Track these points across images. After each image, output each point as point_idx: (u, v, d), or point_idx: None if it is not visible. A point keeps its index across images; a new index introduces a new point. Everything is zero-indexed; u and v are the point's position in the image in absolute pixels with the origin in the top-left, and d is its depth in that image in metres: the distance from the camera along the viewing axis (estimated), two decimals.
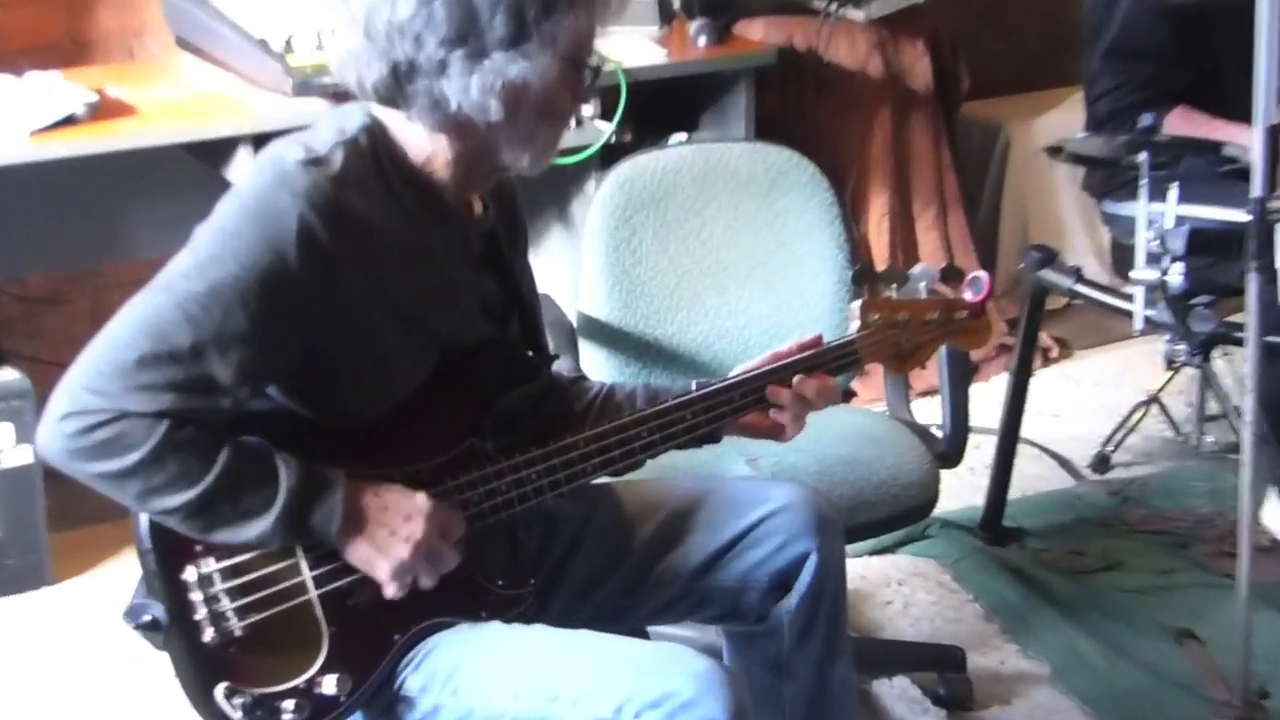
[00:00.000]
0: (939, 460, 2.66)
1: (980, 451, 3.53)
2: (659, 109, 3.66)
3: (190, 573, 1.80)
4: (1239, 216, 2.69)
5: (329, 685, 1.82)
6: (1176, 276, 2.81)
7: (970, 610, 3.13)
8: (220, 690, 1.80)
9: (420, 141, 1.87)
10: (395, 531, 1.82)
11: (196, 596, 1.80)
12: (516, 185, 2.09)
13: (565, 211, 3.84)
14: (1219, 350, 3.49)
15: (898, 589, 3.19)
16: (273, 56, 3.24)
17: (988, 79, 4.51)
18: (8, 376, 3.23)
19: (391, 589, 1.83)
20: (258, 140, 3.09)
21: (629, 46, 3.58)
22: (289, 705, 1.81)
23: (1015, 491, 3.42)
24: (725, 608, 2.13)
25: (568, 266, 3.42)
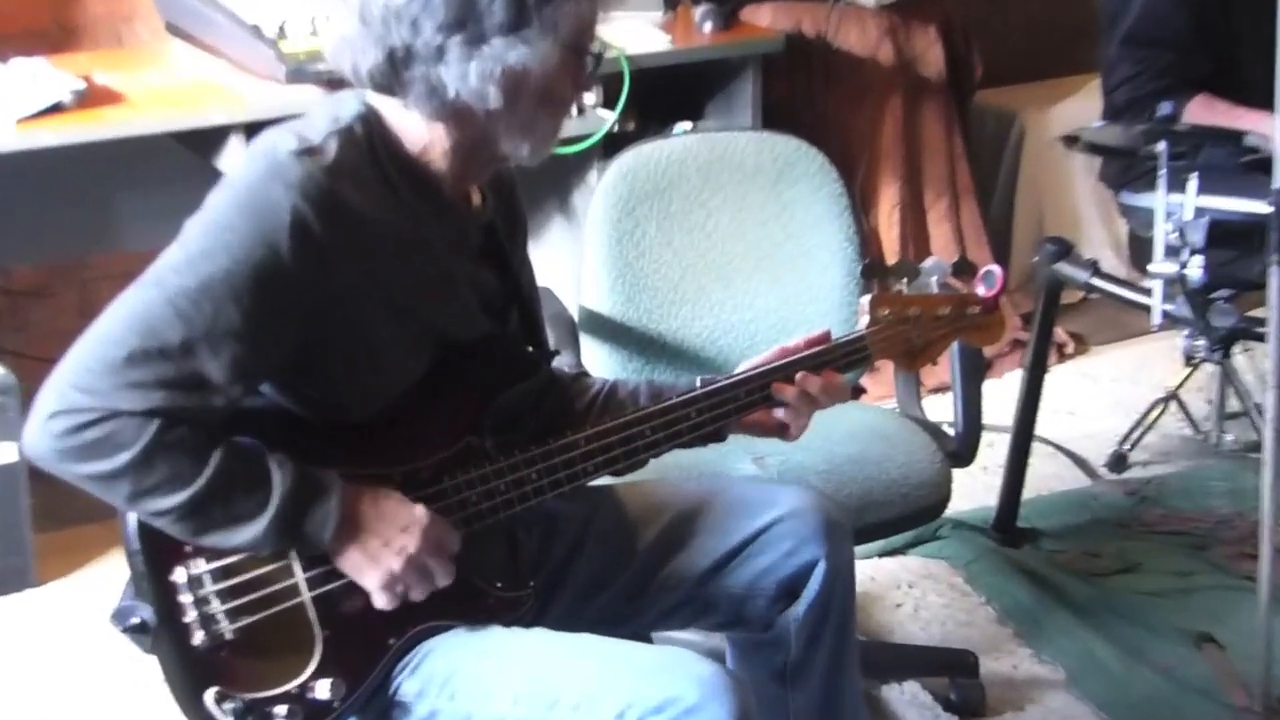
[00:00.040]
0: (951, 459, 2.66)
1: (993, 450, 3.53)
2: (663, 97, 3.66)
3: (180, 574, 1.80)
4: (1260, 208, 2.69)
5: (322, 690, 1.82)
6: (1196, 270, 2.81)
7: (983, 613, 3.13)
8: (210, 695, 1.80)
9: (417, 130, 1.87)
10: (389, 542, 1.82)
11: (186, 598, 1.80)
12: (516, 176, 2.08)
13: (566, 203, 3.84)
14: (1239, 346, 3.48)
15: (908, 591, 3.19)
16: (265, 43, 3.24)
17: (1002, 66, 4.51)
18: None
19: (381, 599, 1.83)
20: (250, 129, 3.09)
21: (632, 32, 3.58)
22: (281, 711, 1.81)
23: (1029, 491, 3.42)
24: (731, 615, 2.13)
25: (569, 259, 3.43)
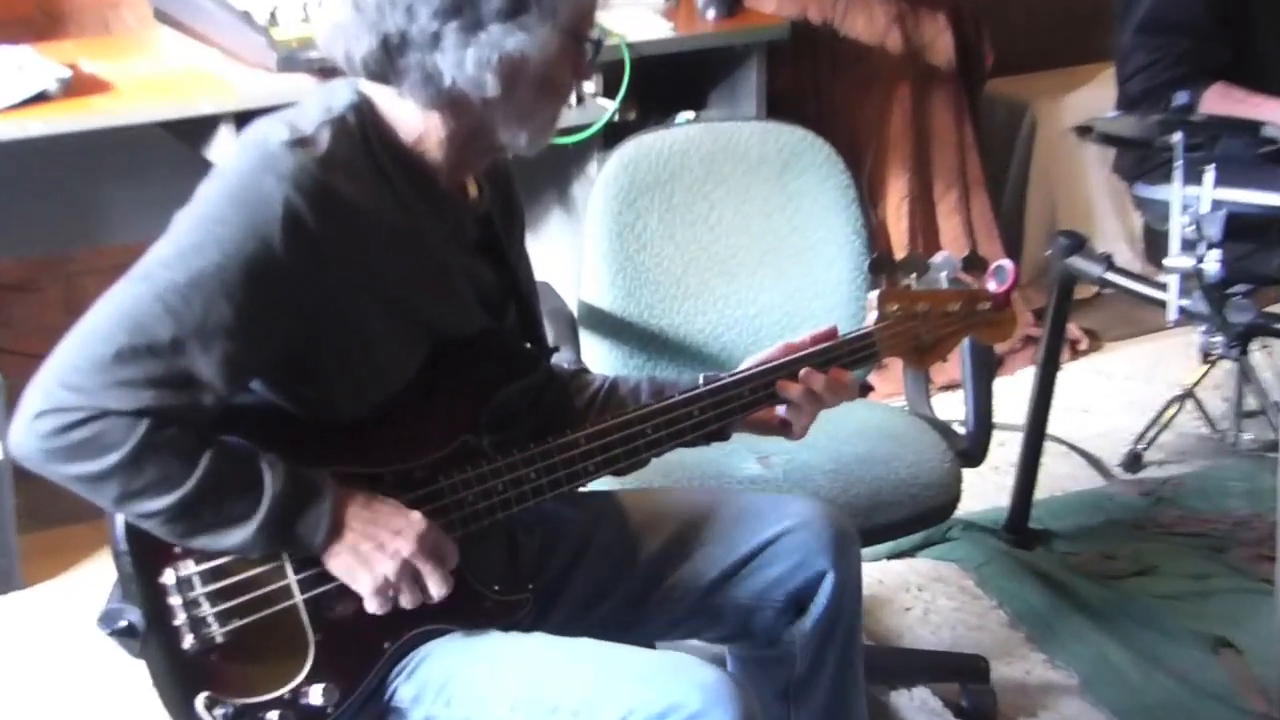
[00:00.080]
0: (961, 458, 2.66)
1: (1005, 449, 3.53)
2: (665, 85, 3.66)
3: (169, 576, 1.80)
4: None
5: (315, 695, 1.82)
6: (1213, 264, 2.80)
7: (994, 617, 3.12)
8: (200, 700, 1.80)
9: (412, 120, 1.87)
10: (382, 545, 1.81)
11: (175, 601, 1.80)
12: (513, 167, 2.08)
13: (565, 194, 3.83)
14: (1257, 342, 3.48)
15: (917, 594, 3.19)
16: (256, 30, 3.23)
17: (1013, 54, 4.51)
18: None
19: (373, 604, 1.83)
20: (240, 119, 3.09)
21: (633, 19, 3.57)
22: (273, 716, 1.81)
23: (1042, 491, 3.42)
24: (736, 627, 2.13)
25: (568, 252, 3.43)
